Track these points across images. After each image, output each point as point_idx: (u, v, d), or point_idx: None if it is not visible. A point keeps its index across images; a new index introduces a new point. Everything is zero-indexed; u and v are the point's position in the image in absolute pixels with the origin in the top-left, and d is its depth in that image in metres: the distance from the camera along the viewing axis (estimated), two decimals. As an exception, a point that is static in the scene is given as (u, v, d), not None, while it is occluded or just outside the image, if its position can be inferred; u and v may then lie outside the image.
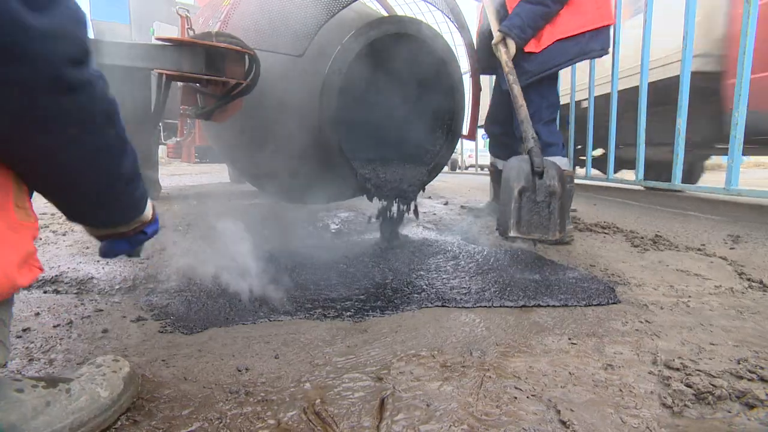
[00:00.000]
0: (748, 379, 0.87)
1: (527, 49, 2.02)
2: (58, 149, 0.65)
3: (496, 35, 1.96)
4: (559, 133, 2.12)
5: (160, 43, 1.34)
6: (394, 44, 1.80)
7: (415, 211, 2.21)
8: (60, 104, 0.61)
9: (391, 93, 2.09)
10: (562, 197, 1.58)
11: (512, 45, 1.94)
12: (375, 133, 2.27)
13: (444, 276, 1.61)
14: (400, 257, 1.83)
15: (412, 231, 2.43)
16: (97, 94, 0.65)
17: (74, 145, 0.66)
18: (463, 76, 2.04)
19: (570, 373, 0.93)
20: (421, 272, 1.64)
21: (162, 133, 4.18)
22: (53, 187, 0.71)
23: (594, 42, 2.05)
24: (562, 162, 2.04)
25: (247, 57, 1.38)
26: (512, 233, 1.58)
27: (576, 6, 1.99)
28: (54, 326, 1.16)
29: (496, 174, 2.47)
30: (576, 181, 4.22)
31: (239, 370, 0.93)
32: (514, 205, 1.57)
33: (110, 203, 0.80)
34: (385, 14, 2.17)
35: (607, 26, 2.07)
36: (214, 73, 1.33)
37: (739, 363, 0.94)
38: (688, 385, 0.84)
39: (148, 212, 0.92)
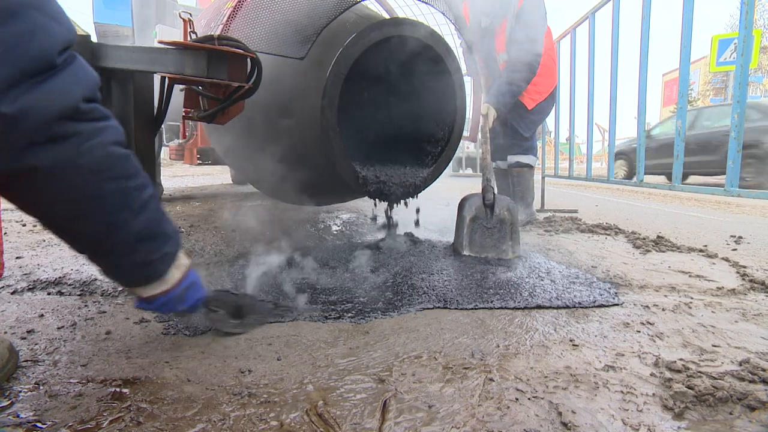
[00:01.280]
0: (750, 381, 0.87)
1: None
2: (45, 197, 0.71)
3: (483, 106, 2.47)
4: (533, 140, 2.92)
5: (163, 46, 1.35)
6: (395, 47, 1.81)
7: (417, 212, 2.21)
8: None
9: (392, 95, 2.10)
10: (512, 224, 1.94)
11: (493, 113, 2.47)
12: (376, 136, 2.28)
13: (445, 277, 1.61)
14: (402, 259, 1.83)
15: (413, 233, 2.43)
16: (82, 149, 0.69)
17: (60, 195, 0.71)
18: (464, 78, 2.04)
19: (572, 374, 0.93)
20: (423, 274, 1.65)
21: (164, 135, 4.19)
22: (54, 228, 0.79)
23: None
24: (528, 159, 2.85)
25: (249, 60, 1.38)
26: (465, 252, 1.91)
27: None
28: (58, 328, 1.17)
29: (517, 172, 2.93)
30: (577, 181, 4.21)
31: (242, 372, 0.93)
32: (466, 230, 1.93)
33: (114, 257, 0.83)
34: (387, 16, 2.17)
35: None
36: (217, 76, 1.34)
37: (741, 365, 0.94)
38: (689, 387, 0.84)
39: (171, 278, 0.93)
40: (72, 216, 0.75)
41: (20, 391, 0.85)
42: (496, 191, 2.02)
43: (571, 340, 1.11)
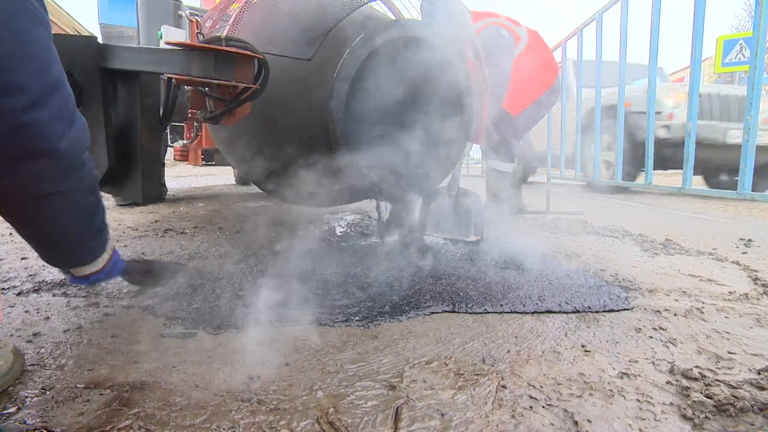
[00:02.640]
0: (770, 390, 0.85)
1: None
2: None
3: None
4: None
5: (169, 47, 1.34)
6: (403, 48, 1.80)
7: (422, 214, 2.19)
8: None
9: (399, 97, 2.09)
10: (474, 213, 2.18)
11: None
12: (384, 137, 2.26)
13: (453, 281, 1.60)
14: (409, 261, 1.82)
15: (414, 234, 2.41)
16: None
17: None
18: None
19: (585, 381, 0.91)
20: (430, 277, 1.63)
21: (169, 136, 4.19)
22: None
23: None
24: (505, 167, 3.04)
25: (256, 61, 1.37)
26: (429, 232, 2.22)
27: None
28: (64, 331, 1.16)
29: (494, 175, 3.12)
30: (580, 182, 4.16)
31: (250, 378, 0.92)
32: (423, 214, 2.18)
33: (76, 247, 1.05)
34: (393, 18, 2.16)
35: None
36: (224, 78, 1.33)
37: (759, 373, 0.92)
38: (708, 396, 0.82)
39: (105, 257, 1.15)
40: (62, 222, 0.92)
41: (27, 397, 0.84)
42: (459, 186, 2.25)
43: (582, 346, 1.09)
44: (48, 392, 0.85)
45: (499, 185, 3.08)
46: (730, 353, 1.04)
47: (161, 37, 1.59)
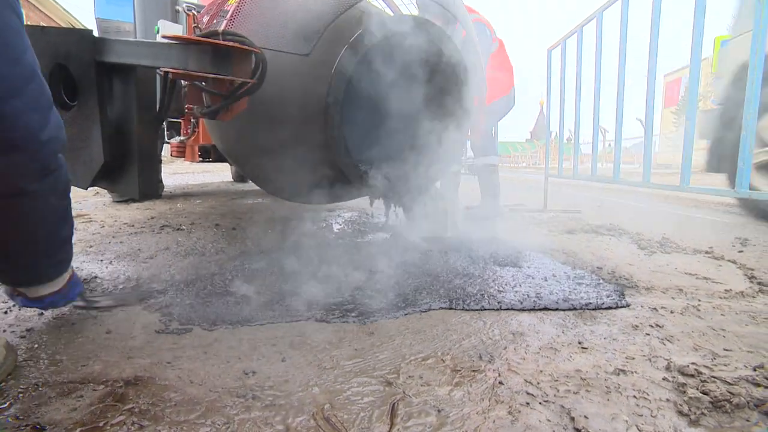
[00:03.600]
0: (766, 387, 0.85)
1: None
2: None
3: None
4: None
5: (166, 41, 1.33)
6: (401, 44, 1.79)
7: (418, 212, 2.19)
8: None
9: (397, 93, 2.08)
10: (449, 212, 2.39)
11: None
12: (381, 133, 2.25)
13: (450, 277, 1.59)
14: (405, 258, 1.82)
15: (414, 231, 2.41)
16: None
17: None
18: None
19: (582, 378, 0.91)
20: (427, 276, 1.63)
21: (165, 132, 4.17)
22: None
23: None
24: (492, 160, 3.19)
25: (253, 56, 1.36)
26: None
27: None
28: (58, 327, 1.15)
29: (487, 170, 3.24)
30: (580, 180, 4.19)
31: (246, 374, 0.92)
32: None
33: (39, 257, 0.96)
34: (392, 13, 2.15)
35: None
36: (221, 72, 1.32)
37: (755, 370, 0.92)
38: (704, 393, 0.82)
39: (65, 278, 1.06)
40: (31, 227, 0.86)
41: (19, 392, 0.83)
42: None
43: (579, 343, 1.09)
44: (41, 388, 0.84)
45: (492, 180, 3.18)
46: (726, 350, 1.04)
47: (158, 32, 1.57)
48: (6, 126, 0.69)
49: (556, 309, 1.33)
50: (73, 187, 1.02)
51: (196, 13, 1.64)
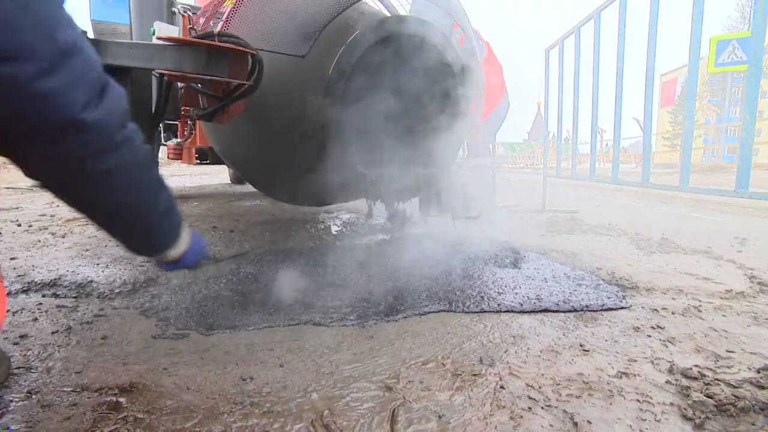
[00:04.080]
0: (770, 389, 0.84)
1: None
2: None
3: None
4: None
5: (161, 43, 1.31)
6: (398, 45, 1.78)
7: (416, 213, 2.18)
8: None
9: (395, 94, 2.07)
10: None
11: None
12: (379, 135, 2.24)
13: (449, 279, 1.58)
14: (404, 260, 1.80)
15: (414, 232, 2.40)
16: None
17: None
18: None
19: (584, 381, 0.90)
20: (426, 279, 1.62)
21: (162, 134, 4.14)
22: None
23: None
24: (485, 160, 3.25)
25: (250, 57, 1.34)
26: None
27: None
28: (52, 332, 1.13)
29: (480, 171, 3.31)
30: (579, 181, 4.17)
31: (243, 380, 0.90)
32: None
33: (151, 229, 0.96)
34: (389, 14, 2.14)
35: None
36: (217, 74, 1.30)
37: (759, 372, 0.91)
38: (708, 396, 0.81)
39: (186, 236, 1.04)
40: (124, 203, 0.85)
41: (11, 401, 0.81)
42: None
43: (581, 345, 1.08)
44: (34, 396, 0.83)
45: (486, 182, 3.25)
46: (729, 352, 1.03)
47: (154, 33, 1.55)
48: (51, 105, 0.65)
49: (557, 311, 1.32)
50: None
51: (191, 15, 1.62)
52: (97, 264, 1.80)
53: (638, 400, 0.83)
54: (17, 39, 0.60)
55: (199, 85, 1.44)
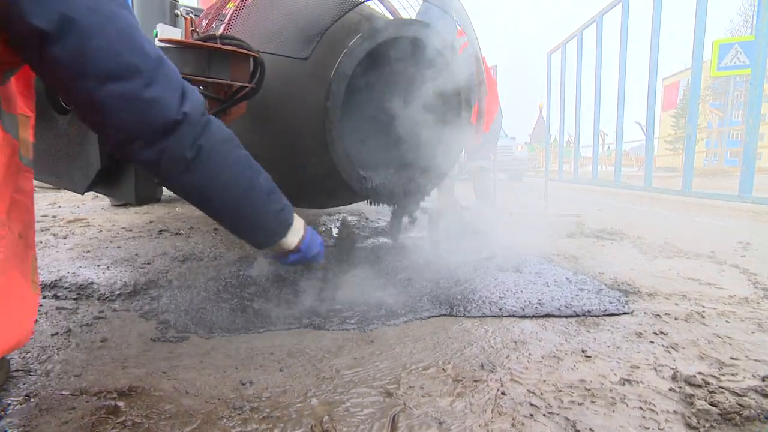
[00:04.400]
0: (775, 397, 0.83)
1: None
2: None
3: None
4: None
5: (163, 44, 1.31)
6: (400, 48, 1.78)
7: (418, 217, 2.17)
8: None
9: (397, 97, 2.07)
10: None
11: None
12: (380, 138, 2.24)
13: (450, 284, 1.57)
14: (405, 264, 1.80)
15: (415, 235, 2.39)
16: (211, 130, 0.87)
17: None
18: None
19: (587, 388, 0.89)
20: (426, 282, 1.61)
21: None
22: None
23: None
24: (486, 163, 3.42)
25: (252, 60, 1.34)
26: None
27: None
28: (52, 335, 1.12)
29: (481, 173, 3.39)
30: (581, 185, 4.16)
31: (243, 384, 0.89)
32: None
33: (257, 212, 1.00)
34: (391, 17, 2.14)
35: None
36: (219, 76, 1.30)
37: (764, 380, 0.90)
38: (713, 404, 0.80)
39: (300, 224, 1.08)
40: (228, 182, 0.91)
41: (9, 404, 0.81)
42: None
43: (583, 351, 1.07)
44: (32, 399, 0.82)
45: (485, 183, 3.35)
46: (733, 359, 1.02)
47: (156, 36, 1.56)
48: (157, 110, 0.76)
49: (559, 316, 1.31)
50: (71, 192, 1.01)
51: (194, 17, 1.62)
52: (98, 265, 1.80)
53: (641, 408, 0.82)
54: (122, 61, 0.71)
55: (201, 87, 1.44)
